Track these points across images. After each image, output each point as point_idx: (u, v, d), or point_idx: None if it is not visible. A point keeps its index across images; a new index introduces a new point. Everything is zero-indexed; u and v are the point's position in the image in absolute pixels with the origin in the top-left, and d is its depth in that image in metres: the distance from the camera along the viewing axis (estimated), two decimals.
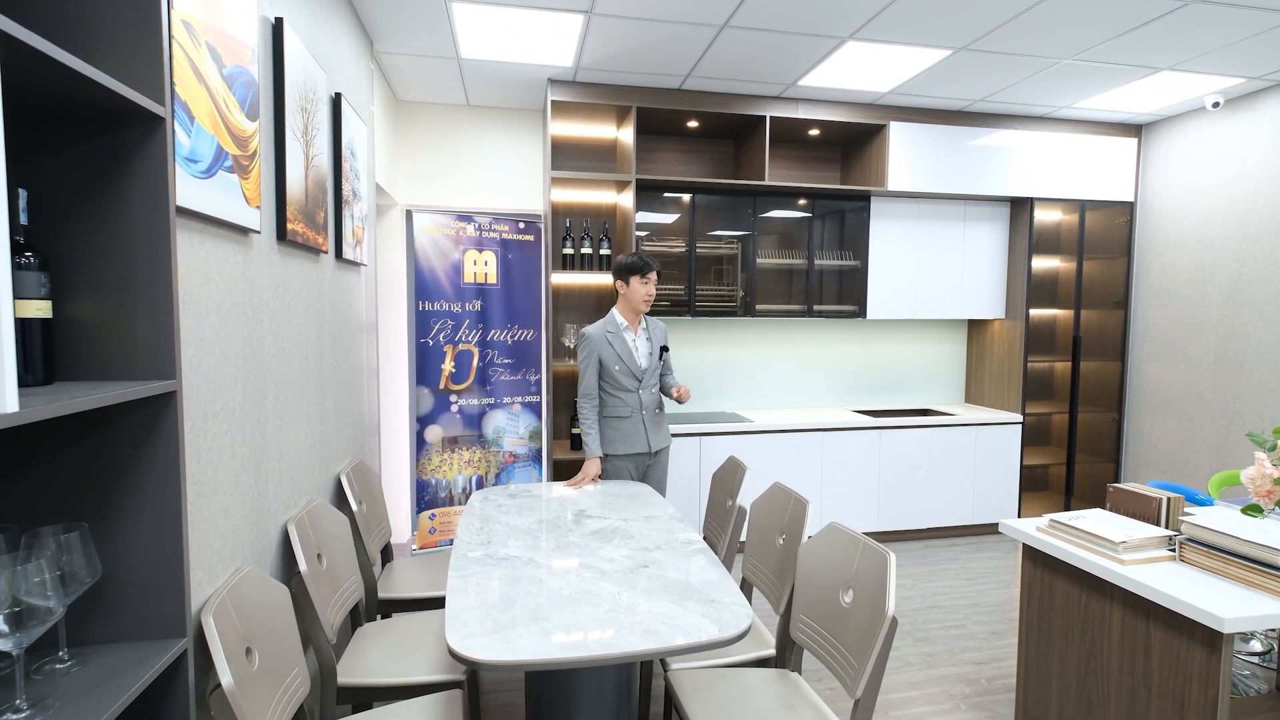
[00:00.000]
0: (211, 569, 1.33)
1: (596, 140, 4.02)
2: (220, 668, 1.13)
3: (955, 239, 4.27)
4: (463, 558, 1.92)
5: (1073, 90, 3.65)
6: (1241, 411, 3.72)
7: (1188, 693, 1.73)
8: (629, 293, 2.83)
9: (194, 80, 1.20)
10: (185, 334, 1.22)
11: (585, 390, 2.84)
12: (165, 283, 1.03)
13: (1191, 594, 1.72)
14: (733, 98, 3.74)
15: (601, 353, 2.82)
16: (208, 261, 1.32)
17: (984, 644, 2.89)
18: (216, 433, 1.36)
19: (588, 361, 2.83)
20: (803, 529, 2.06)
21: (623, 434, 2.86)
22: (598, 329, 2.84)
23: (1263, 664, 2.67)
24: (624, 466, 2.89)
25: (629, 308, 2.87)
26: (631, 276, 2.81)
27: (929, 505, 4.13)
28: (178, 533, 1.05)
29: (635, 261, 2.82)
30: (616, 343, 2.83)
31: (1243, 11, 2.71)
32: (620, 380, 2.84)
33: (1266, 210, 3.59)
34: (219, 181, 1.30)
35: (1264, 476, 2.04)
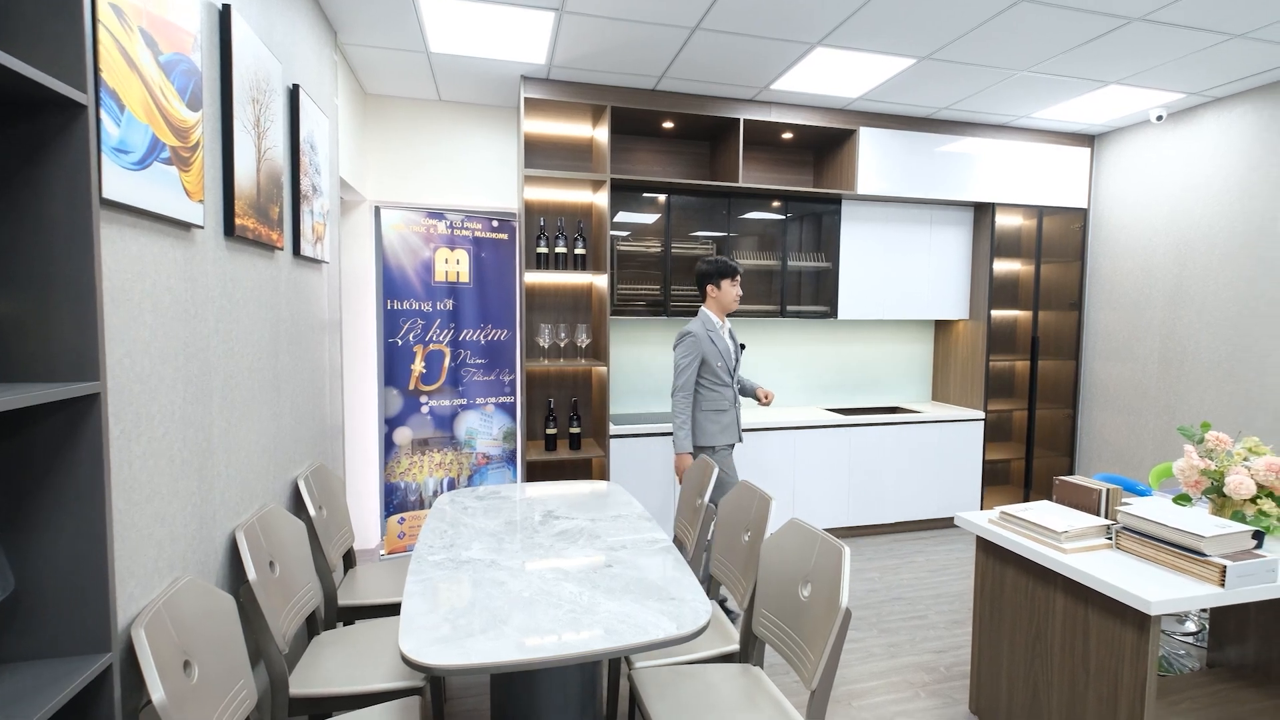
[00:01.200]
0: (145, 580, 1.28)
1: (572, 139, 3.98)
2: (150, 682, 1.08)
3: (922, 242, 4.31)
4: (422, 561, 1.88)
5: (1030, 101, 3.71)
6: (1181, 407, 3.83)
7: (1120, 673, 1.79)
8: (721, 294, 3.02)
9: (124, 67, 1.14)
10: (115, 333, 1.17)
11: (684, 385, 2.96)
12: (88, 279, 0.98)
13: (1124, 579, 1.78)
14: (707, 99, 3.73)
15: (705, 350, 2.96)
16: (142, 257, 1.26)
17: (944, 633, 2.93)
18: (152, 436, 1.30)
19: (691, 358, 2.95)
20: (766, 526, 2.06)
21: (722, 426, 3.02)
22: (700, 328, 2.99)
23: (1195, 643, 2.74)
24: (725, 456, 3.04)
25: (720, 308, 3.05)
26: (723, 279, 3.00)
27: (897, 500, 4.16)
28: (101, 542, 1.00)
29: (726, 265, 3.00)
30: (717, 340, 3.00)
31: (1179, 31, 2.80)
32: (720, 375, 3.01)
33: (1204, 219, 3.69)
34: (154, 174, 1.24)
35: (1192, 468, 2.10)
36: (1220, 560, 1.75)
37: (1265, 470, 2.00)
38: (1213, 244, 3.68)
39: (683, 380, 2.95)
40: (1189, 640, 2.86)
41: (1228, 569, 1.72)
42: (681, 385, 2.95)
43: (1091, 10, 2.64)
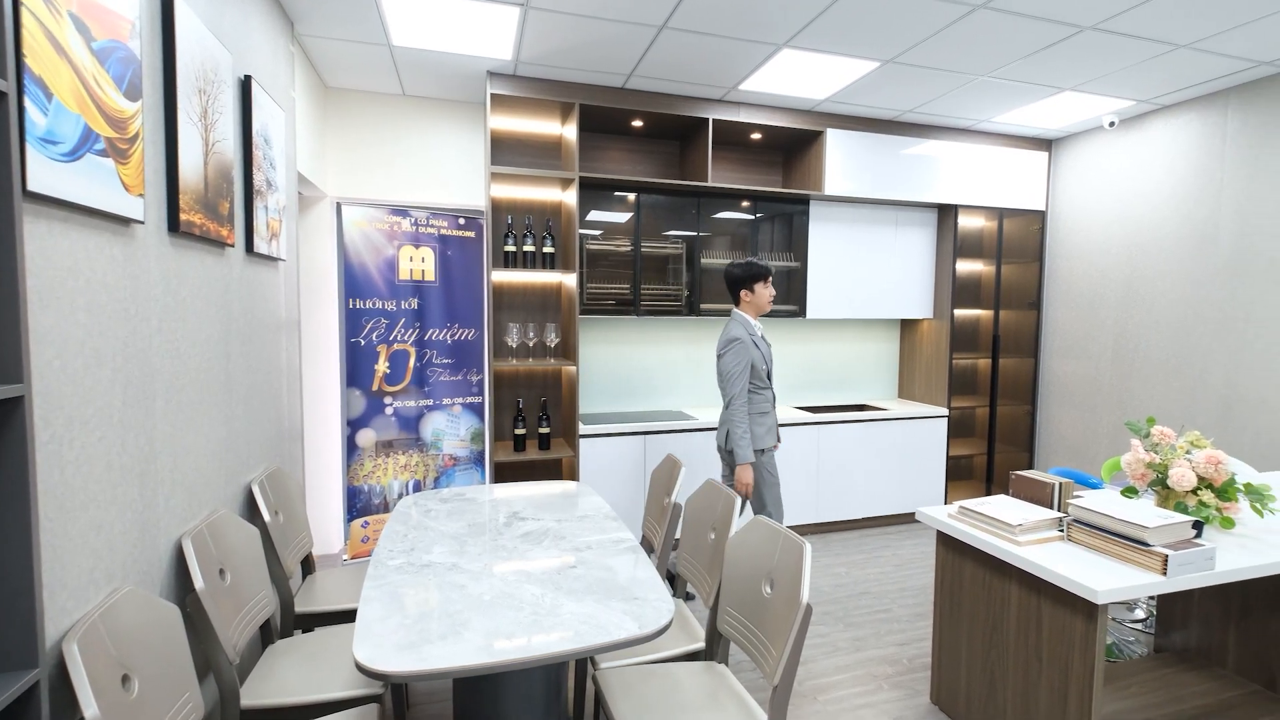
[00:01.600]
0: (80, 591, 1.22)
1: (540, 136, 3.95)
2: (83, 698, 1.03)
3: (888, 242, 4.38)
4: (381, 566, 1.84)
5: (989, 105, 3.80)
6: (1132, 402, 3.96)
7: (1071, 661, 1.84)
8: (755, 297, 3.02)
9: (52, 53, 1.09)
10: (43, 333, 1.11)
11: (741, 392, 2.92)
12: (10, 276, 0.93)
13: (1074, 570, 1.83)
14: (676, 99, 3.73)
15: (753, 354, 2.96)
16: (74, 254, 1.20)
17: (908, 626, 2.98)
18: (86, 441, 1.25)
19: (743, 366, 2.92)
20: (731, 524, 2.07)
21: (767, 427, 3.01)
22: (744, 332, 2.96)
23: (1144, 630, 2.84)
24: (770, 459, 3.03)
25: (756, 310, 3.05)
26: (756, 282, 3.00)
27: (864, 496, 4.23)
28: (27, 553, 0.95)
29: (759, 267, 3.01)
30: (760, 344, 3.01)
31: (1128, 40, 2.89)
32: (764, 379, 3.02)
33: (1153, 222, 3.82)
34: (88, 166, 1.19)
35: (1138, 461, 2.17)
36: (1162, 550, 1.80)
37: (1204, 463, 2.07)
38: (1161, 246, 3.80)
39: (738, 388, 2.92)
40: (1138, 627, 2.95)
41: (1169, 558, 1.78)
42: (738, 393, 2.91)
43: (1045, 18, 2.70)
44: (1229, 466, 2.05)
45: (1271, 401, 3.29)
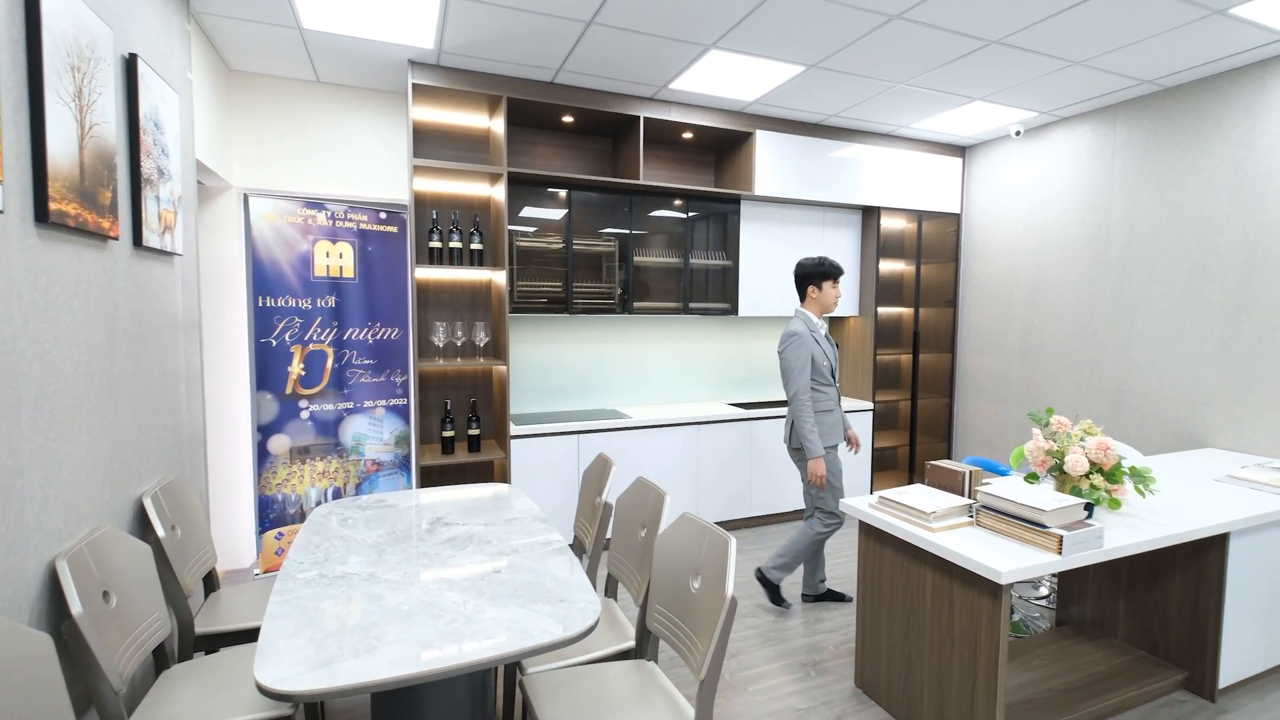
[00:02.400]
0: None
1: (467, 129, 3.84)
2: None
3: (816, 242, 4.51)
4: (290, 580, 1.73)
5: (908, 112, 3.97)
6: (1037, 394, 4.24)
7: (979, 638, 1.95)
8: (822, 295, 3.02)
9: None
10: None
11: (804, 387, 2.93)
12: None
13: (981, 554, 1.94)
14: (607, 95, 3.71)
15: (814, 351, 2.95)
16: None
17: (835, 613, 3.09)
18: None
19: (803, 360, 2.93)
20: (660, 521, 2.07)
21: (828, 426, 3.01)
22: (804, 329, 2.96)
23: (1047, 605, 3.04)
24: (832, 457, 3.01)
25: (821, 308, 3.05)
26: (825, 281, 3.00)
27: (797, 489, 4.33)
28: None
29: (829, 266, 3.00)
30: (821, 341, 3.01)
31: (1030, 55, 3.09)
32: (826, 376, 3.01)
33: (1055, 226, 4.10)
34: None
35: (1039, 449, 2.31)
36: (1058, 531, 1.92)
37: (1095, 449, 2.22)
38: (1061, 248, 4.08)
39: (800, 383, 2.92)
40: (1042, 603, 3.16)
41: (1064, 539, 1.90)
42: (801, 388, 2.92)
43: (956, 31, 2.84)
44: (1116, 451, 2.20)
45: (1155, 391, 3.58)
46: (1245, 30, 2.79)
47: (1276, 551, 2.43)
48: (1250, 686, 2.45)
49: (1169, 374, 3.50)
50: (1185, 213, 3.41)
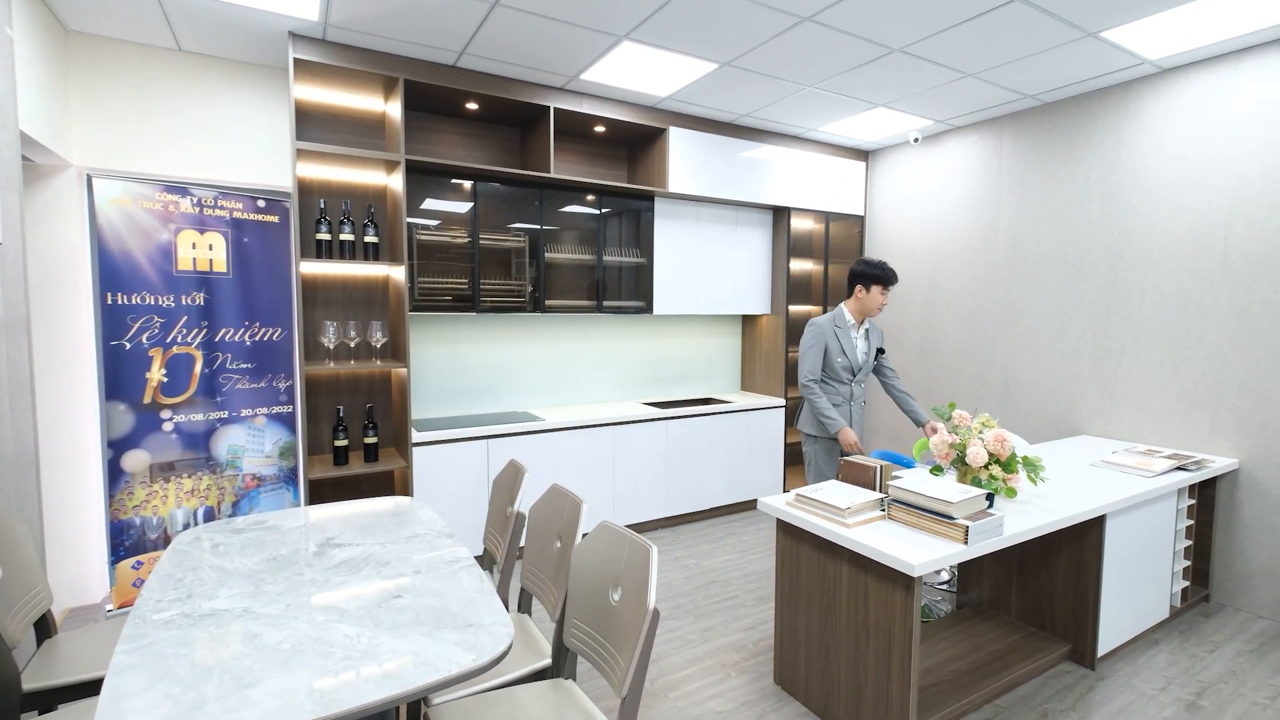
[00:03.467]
0: None
1: (359, 112, 3.54)
2: None
3: (729, 241, 4.54)
4: (143, 623, 1.48)
5: (816, 115, 4.07)
6: (936, 389, 4.49)
7: (893, 628, 1.99)
8: (866, 298, 3.05)
9: None
10: None
11: (810, 374, 3.03)
12: None
13: (894, 547, 1.98)
14: (515, 83, 3.54)
15: (829, 343, 3.04)
16: None
17: (753, 610, 3.09)
18: None
19: (813, 348, 3.03)
20: (577, 530, 1.96)
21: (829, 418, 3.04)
22: (826, 321, 3.08)
23: (948, 590, 3.21)
24: (827, 446, 3.09)
25: (860, 310, 3.09)
26: (874, 285, 3.02)
27: (712, 487, 4.35)
28: None
29: (882, 272, 3.01)
30: (842, 337, 3.06)
31: (928, 65, 3.23)
32: (839, 372, 3.07)
33: (950, 229, 4.36)
34: None
35: (943, 442, 2.40)
36: (964, 522, 1.99)
37: (993, 441, 2.33)
38: (956, 250, 4.32)
39: (807, 368, 3.04)
40: (944, 588, 3.31)
41: (970, 529, 1.97)
42: (808, 372, 3.03)
43: (863, 37, 2.91)
44: (1011, 443, 2.32)
45: (1039, 384, 3.87)
46: (1113, 53, 3.04)
47: (1142, 529, 2.66)
48: (1122, 653, 2.67)
49: (1049, 368, 3.79)
50: (1062, 219, 3.70)
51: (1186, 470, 2.80)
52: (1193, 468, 2.83)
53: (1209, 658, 2.63)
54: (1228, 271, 3.04)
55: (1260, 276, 2.93)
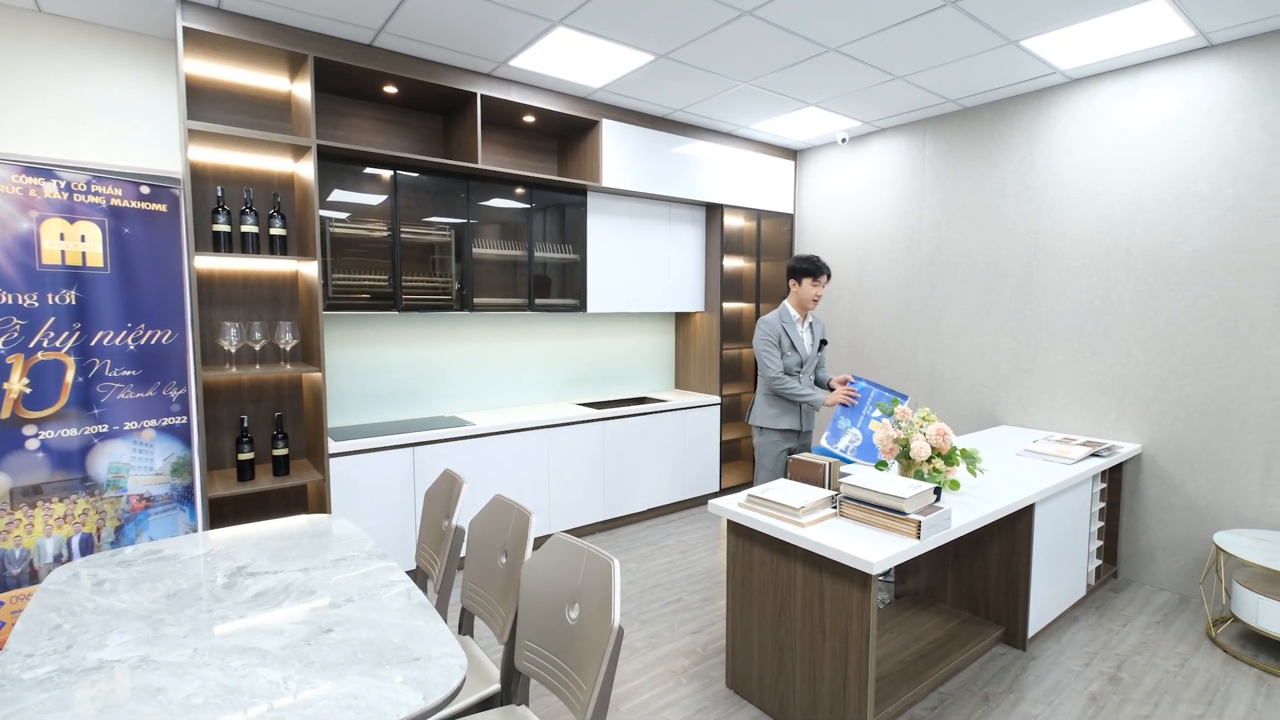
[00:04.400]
0: None
1: (261, 92, 3.20)
2: None
3: (663, 237, 4.49)
4: (10, 682, 1.23)
5: (749, 112, 4.08)
6: None
7: (849, 626, 1.98)
8: (800, 291, 3.13)
9: None
10: None
11: (776, 370, 3.07)
12: None
13: (849, 545, 1.96)
14: (439, 67, 3.32)
15: (780, 338, 3.10)
16: None
17: (699, 613, 3.04)
18: None
19: (769, 344, 3.10)
20: (526, 544, 1.83)
21: (781, 410, 3.13)
22: (775, 317, 3.15)
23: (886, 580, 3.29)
24: (776, 441, 3.14)
25: (799, 304, 3.15)
26: (804, 278, 3.11)
27: (649, 488, 4.28)
28: None
29: (809, 265, 3.10)
30: (791, 331, 3.12)
31: (861, 66, 3.30)
32: (789, 366, 3.12)
33: (876, 228, 4.50)
34: None
35: (888, 438, 2.44)
36: (916, 516, 2.01)
37: (935, 435, 2.38)
38: (882, 249, 4.46)
39: (770, 363, 3.08)
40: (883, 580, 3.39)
41: (922, 524, 1.98)
42: (772, 366, 3.07)
43: (801, 35, 2.92)
44: (952, 437, 2.38)
45: (961, 378, 4.05)
46: (1030, 62, 3.21)
47: (1065, 514, 2.82)
48: (1048, 632, 2.81)
49: (971, 362, 3.98)
50: (982, 219, 3.88)
51: (1100, 456, 3.00)
52: (1105, 454, 3.04)
53: (1122, 631, 2.82)
54: (1131, 270, 3.28)
55: (1158, 275, 3.19)
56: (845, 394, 2.98)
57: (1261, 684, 2.41)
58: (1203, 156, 3.02)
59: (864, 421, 2.95)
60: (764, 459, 3.17)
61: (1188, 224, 3.08)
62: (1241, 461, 2.94)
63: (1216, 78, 2.97)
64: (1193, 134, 3.05)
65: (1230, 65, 2.94)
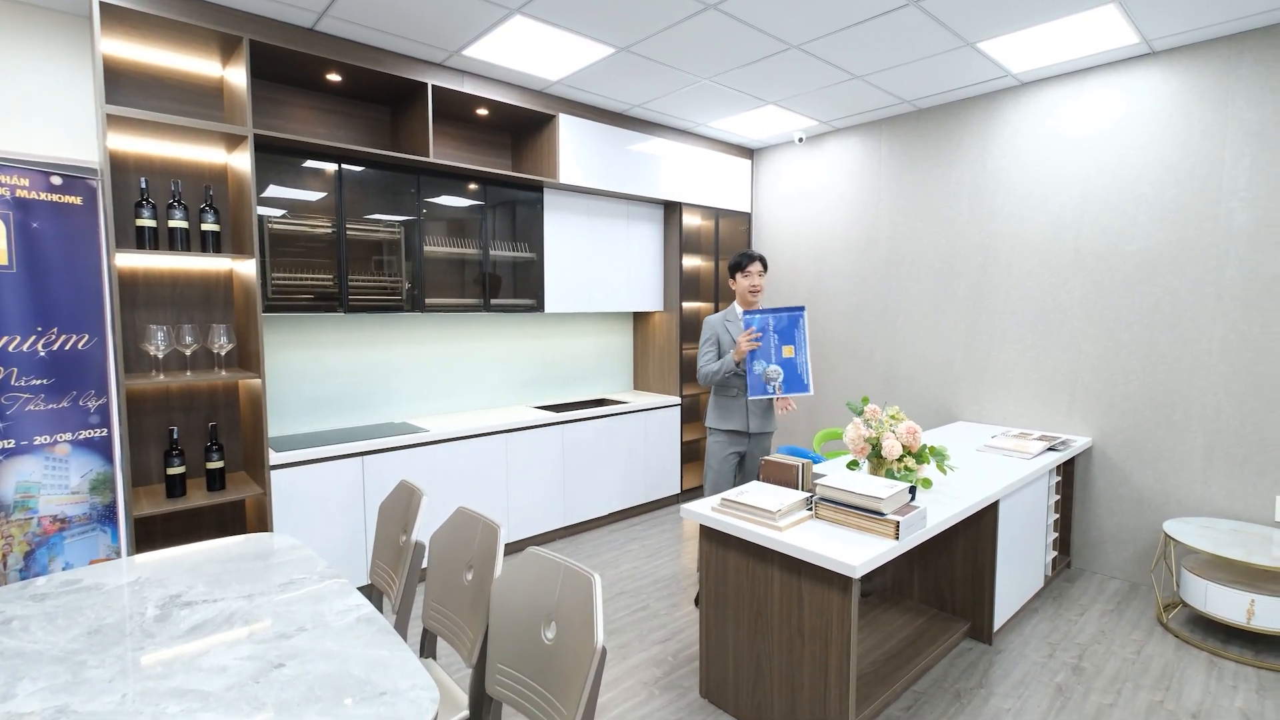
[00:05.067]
0: None
1: (191, 76, 2.96)
2: None
3: (622, 236, 4.41)
4: None
5: (709, 109, 4.05)
6: (822, 381, 4.65)
7: (830, 631, 1.94)
8: (736, 286, 3.10)
9: None
10: None
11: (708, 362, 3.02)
12: None
13: (829, 547, 1.93)
14: (387, 55, 3.14)
15: (720, 336, 3.04)
16: None
17: (666, 620, 2.97)
18: None
19: (708, 341, 3.06)
20: (495, 559, 1.72)
21: (725, 410, 3.05)
22: (718, 316, 3.10)
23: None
24: (723, 443, 3.06)
25: (741, 300, 3.10)
26: (736, 272, 3.08)
27: (611, 491, 4.20)
28: None
29: (737, 259, 3.07)
30: (732, 329, 3.03)
31: (822, 64, 3.29)
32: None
33: (833, 227, 4.54)
34: None
35: (859, 437, 2.43)
36: (894, 517, 1.99)
37: (906, 434, 2.38)
38: (839, 248, 4.50)
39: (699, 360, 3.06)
40: None
41: (900, 524, 1.97)
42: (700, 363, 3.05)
43: (765, 31, 2.89)
44: (922, 435, 2.38)
45: (917, 374, 4.12)
46: (984, 64, 3.28)
47: (1025, 508, 2.88)
48: (1012, 625, 2.87)
49: (927, 359, 4.05)
50: (936, 219, 3.96)
51: (1056, 450, 3.08)
52: (1061, 447, 3.13)
53: (1080, 620, 2.90)
54: (1080, 269, 3.40)
55: (1105, 274, 3.31)
56: (746, 339, 2.83)
57: (1213, 667, 2.51)
58: (1146, 160, 3.15)
59: (776, 353, 2.86)
60: (710, 459, 3.10)
61: (1133, 224, 3.21)
62: (1184, 452, 3.08)
63: (1159, 83, 3.11)
64: (1137, 138, 3.18)
65: (1171, 72, 3.07)
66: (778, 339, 2.86)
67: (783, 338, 2.86)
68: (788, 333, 2.85)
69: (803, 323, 2.85)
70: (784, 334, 2.86)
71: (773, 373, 2.85)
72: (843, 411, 4.50)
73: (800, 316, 2.85)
